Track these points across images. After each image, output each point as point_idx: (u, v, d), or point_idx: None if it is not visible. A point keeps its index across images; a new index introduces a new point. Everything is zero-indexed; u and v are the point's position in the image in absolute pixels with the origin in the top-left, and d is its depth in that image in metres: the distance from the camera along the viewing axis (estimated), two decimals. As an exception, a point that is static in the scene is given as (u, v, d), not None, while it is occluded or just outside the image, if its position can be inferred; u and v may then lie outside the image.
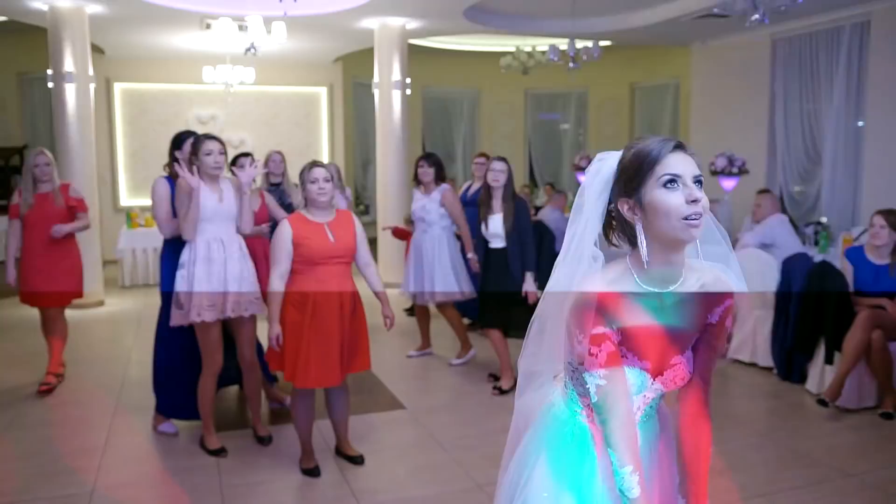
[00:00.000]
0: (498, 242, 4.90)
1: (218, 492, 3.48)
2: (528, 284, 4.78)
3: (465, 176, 12.00)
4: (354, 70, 11.69)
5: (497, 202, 4.90)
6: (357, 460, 3.76)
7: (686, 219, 1.39)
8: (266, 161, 5.27)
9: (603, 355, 1.44)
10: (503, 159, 4.96)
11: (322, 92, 11.77)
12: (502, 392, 4.86)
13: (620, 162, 1.48)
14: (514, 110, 13.09)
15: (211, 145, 3.77)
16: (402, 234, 6.76)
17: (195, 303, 3.70)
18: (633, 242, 1.49)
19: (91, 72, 7.86)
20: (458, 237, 5.51)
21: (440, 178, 5.42)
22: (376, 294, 3.71)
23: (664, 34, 9.70)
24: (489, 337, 5.02)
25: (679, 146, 1.44)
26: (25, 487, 3.50)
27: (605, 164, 1.51)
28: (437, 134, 13.23)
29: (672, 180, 1.40)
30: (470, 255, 5.32)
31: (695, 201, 1.38)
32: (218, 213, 3.77)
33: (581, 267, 1.48)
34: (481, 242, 5.00)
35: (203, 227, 3.75)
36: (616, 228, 1.53)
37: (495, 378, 5.12)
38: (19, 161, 10.65)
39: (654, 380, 1.53)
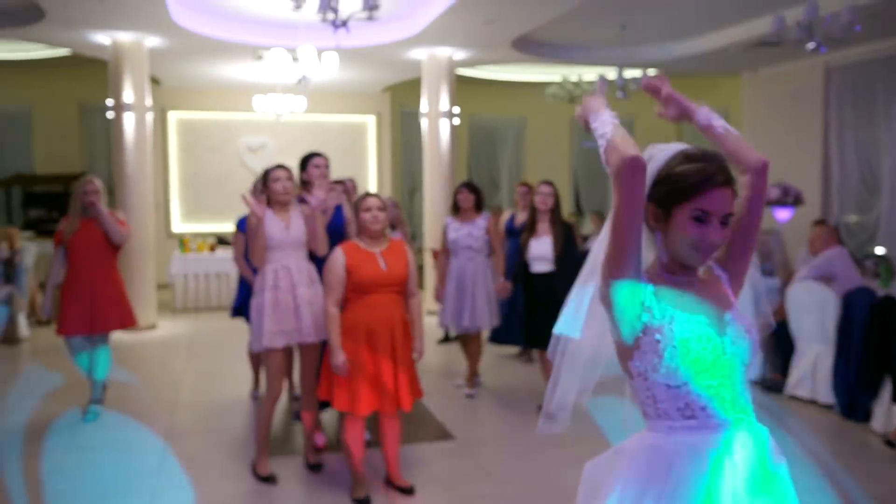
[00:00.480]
0: (542, 266, 4.85)
1: (269, 520, 3.48)
2: None
3: (510, 204, 11.98)
4: (402, 99, 11.84)
5: (544, 225, 4.86)
6: (407, 491, 3.72)
7: (697, 250, 1.48)
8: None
9: None
10: (550, 183, 4.95)
11: (370, 121, 11.94)
12: None
13: (667, 166, 1.55)
14: (560, 139, 13.05)
15: (278, 173, 3.86)
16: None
17: (266, 329, 3.75)
18: (651, 229, 1.58)
19: (149, 102, 8.12)
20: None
21: (480, 205, 5.43)
22: (412, 325, 3.68)
23: (714, 63, 9.61)
24: (540, 360, 4.95)
25: (725, 182, 1.48)
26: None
27: (654, 159, 1.60)
28: (482, 162, 13.26)
29: (702, 217, 1.47)
30: (500, 279, 5.27)
31: (711, 241, 1.47)
32: (285, 241, 3.82)
33: None
34: (521, 268, 4.95)
35: (270, 256, 3.81)
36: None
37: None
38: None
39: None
